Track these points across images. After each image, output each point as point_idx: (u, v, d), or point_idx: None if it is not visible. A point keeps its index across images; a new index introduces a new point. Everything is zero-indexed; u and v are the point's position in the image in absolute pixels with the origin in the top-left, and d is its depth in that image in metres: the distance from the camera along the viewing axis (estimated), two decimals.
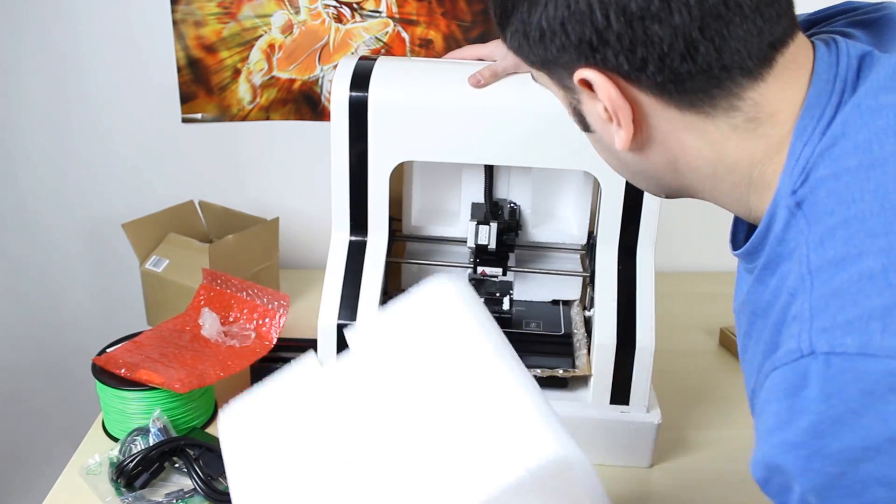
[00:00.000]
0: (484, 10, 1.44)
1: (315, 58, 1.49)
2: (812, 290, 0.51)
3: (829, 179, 0.53)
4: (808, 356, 0.49)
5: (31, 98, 1.50)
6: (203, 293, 1.23)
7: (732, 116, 0.57)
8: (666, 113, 0.58)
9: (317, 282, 1.14)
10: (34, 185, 1.56)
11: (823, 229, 0.52)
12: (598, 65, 0.57)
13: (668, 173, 0.63)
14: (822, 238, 0.52)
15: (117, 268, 1.60)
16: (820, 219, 0.53)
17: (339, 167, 1.05)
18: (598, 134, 0.64)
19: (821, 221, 0.53)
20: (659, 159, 0.62)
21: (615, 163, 0.67)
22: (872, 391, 0.46)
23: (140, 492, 0.98)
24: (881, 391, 0.46)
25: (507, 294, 1.20)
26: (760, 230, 0.58)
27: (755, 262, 0.60)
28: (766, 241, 0.58)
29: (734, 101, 0.56)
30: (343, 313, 1.04)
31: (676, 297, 1.42)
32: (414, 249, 1.22)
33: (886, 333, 0.47)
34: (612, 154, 0.65)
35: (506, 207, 1.18)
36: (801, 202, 0.55)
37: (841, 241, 0.51)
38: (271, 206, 1.56)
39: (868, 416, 0.46)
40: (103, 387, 1.07)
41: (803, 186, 0.55)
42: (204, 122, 1.52)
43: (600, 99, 0.58)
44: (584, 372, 1.05)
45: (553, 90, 0.65)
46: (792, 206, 0.55)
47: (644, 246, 1.06)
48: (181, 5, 1.44)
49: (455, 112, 1.01)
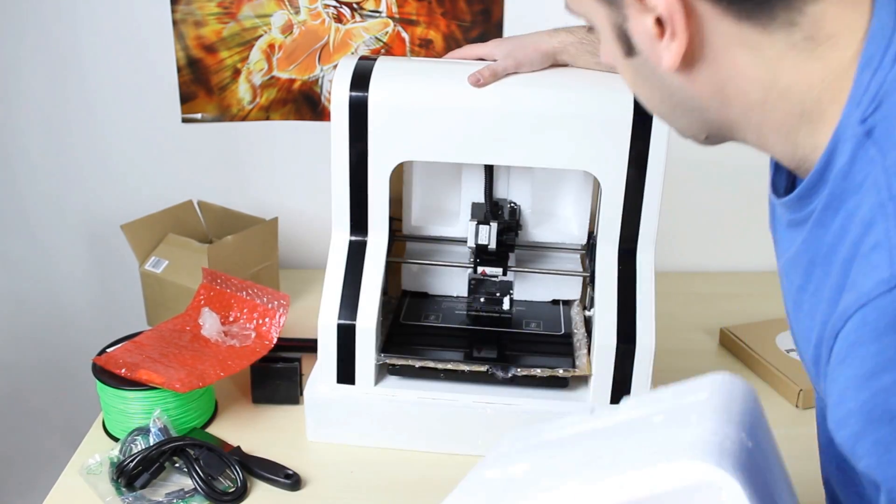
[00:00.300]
0: (484, 10, 1.44)
1: (315, 58, 1.49)
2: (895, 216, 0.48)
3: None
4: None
5: (30, 98, 1.50)
6: (203, 293, 1.23)
7: (791, 32, 0.54)
8: (721, 24, 0.55)
9: (317, 282, 1.14)
10: (34, 185, 1.56)
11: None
12: None
13: (713, 103, 0.60)
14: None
15: (117, 268, 1.60)
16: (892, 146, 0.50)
17: (339, 167, 1.05)
18: (642, 57, 0.60)
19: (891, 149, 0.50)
20: (707, 83, 0.59)
21: (657, 94, 0.63)
22: None
23: (140, 492, 0.98)
24: None
25: (507, 294, 1.21)
26: (819, 167, 0.55)
27: (810, 206, 0.57)
28: (826, 177, 0.55)
29: (794, 15, 0.54)
30: (343, 313, 1.04)
31: (676, 297, 1.42)
32: (414, 249, 1.22)
33: None
34: (653, 83, 0.62)
35: (506, 207, 1.18)
36: (871, 130, 0.51)
37: None
38: (271, 206, 1.56)
39: None
40: (103, 387, 1.07)
41: (875, 113, 0.52)
42: (204, 122, 1.52)
43: (654, 5, 0.55)
44: (584, 372, 1.05)
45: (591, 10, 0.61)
46: (861, 136, 0.52)
47: (644, 246, 1.06)
48: (181, 5, 1.44)
49: (455, 112, 1.02)
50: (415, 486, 1.03)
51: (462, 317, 1.18)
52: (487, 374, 1.05)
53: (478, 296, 1.22)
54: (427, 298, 1.23)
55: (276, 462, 1.03)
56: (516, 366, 1.05)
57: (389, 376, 1.09)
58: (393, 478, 1.04)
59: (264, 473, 1.01)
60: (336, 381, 1.07)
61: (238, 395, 1.18)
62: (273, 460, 1.03)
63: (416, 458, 1.06)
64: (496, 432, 1.06)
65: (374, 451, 1.07)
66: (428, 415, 1.06)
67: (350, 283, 1.06)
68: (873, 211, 0.50)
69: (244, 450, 1.05)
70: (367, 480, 1.03)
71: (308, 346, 1.19)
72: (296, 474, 1.01)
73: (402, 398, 1.06)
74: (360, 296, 1.05)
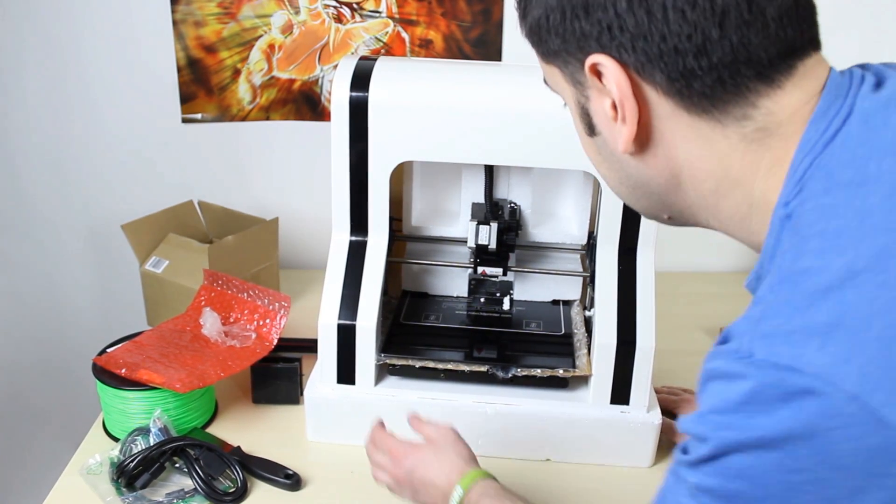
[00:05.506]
0: (484, 10, 1.44)
1: (315, 58, 1.49)
2: (773, 297, 0.51)
3: (820, 193, 0.52)
4: (746, 358, 0.49)
5: (31, 98, 1.50)
6: (204, 294, 1.23)
7: (743, 125, 0.56)
8: (674, 117, 0.57)
9: (317, 282, 1.14)
10: (34, 185, 1.56)
11: (800, 241, 0.51)
12: (613, 53, 0.56)
13: (669, 187, 0.61)
14: (799, 250, 0.51)
15: (117, 268, 1.60)
16: (802, 231, 0.52)
17: (340, 167, 1.05)
18: (602, 137, 0.62)
19: (801, 234, 0.52)
20: (662, 168, 0.60)
21: (615, 174, 0.65)
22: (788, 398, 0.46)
23: (140, 492, 0.98)
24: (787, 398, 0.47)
25: (508, 294, 1.21)
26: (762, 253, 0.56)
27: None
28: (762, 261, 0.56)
29: (748, 109, 0.55)
30: (343, 313, 1.04)
31: (676, 297, 1.42)
32: (414, 249, 1.22)
33: (821, 351, 0.46)
34: (612, 163, 0.64)
35: (506, 207, 1.18)
36: (791, 214, 0.53)
37: (812, 254, 0.50)
38: (271, 206, 1.56)
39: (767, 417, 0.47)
40: (104, 387, 1.07)
41: (796, 198, 0.53)
42: (204, 122, 1.53)
43: (609, 90, 0.57)
44: (585, 372, 1.05)
45: (562, 88, 0.64)
46: (783, 218, 0.54)
47: (644, 246, 1.06)
48: (181, 5, 1.44)
49: (455, 112, 1.02)
50: None
51: (462, 317, 1.18)
52: (487, 374, 1.05)
53: (478, 296, 1.22)
54: (427, 298, 1.23)
55: (276, 462, 1.03)
56: (516, 366, 1.05)
57: (389, 376, 1.09)
58: None
59: (264, 473, 1.01)
60: (336, 381, 1.07)
61: (238, 395, 1.18)
62: (273, 460, 1.03)
63: None
64: (496, 432, 1.07)
65: None
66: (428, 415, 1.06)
67: (350, 284, 1.06)
68: (764, 291, 0.52)
69: (244, 450, 1.05)
70: (367, 480, 1.03)
71: (308, 346, 1.19)
72: (296, 474, 1.01)
73: (402, 398, 1.06)
74: (360, 296, 1.05)
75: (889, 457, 0.45)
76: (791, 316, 0.48)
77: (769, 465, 0.47)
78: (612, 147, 0.61)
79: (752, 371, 0.48)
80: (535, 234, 1.20)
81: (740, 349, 0.49)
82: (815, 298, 0.48)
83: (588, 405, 1.06)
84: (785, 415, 0.46)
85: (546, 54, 0.62)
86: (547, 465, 1.07)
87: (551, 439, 1.06)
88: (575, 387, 1.08)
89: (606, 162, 0.65)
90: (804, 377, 0.46)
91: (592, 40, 0.56)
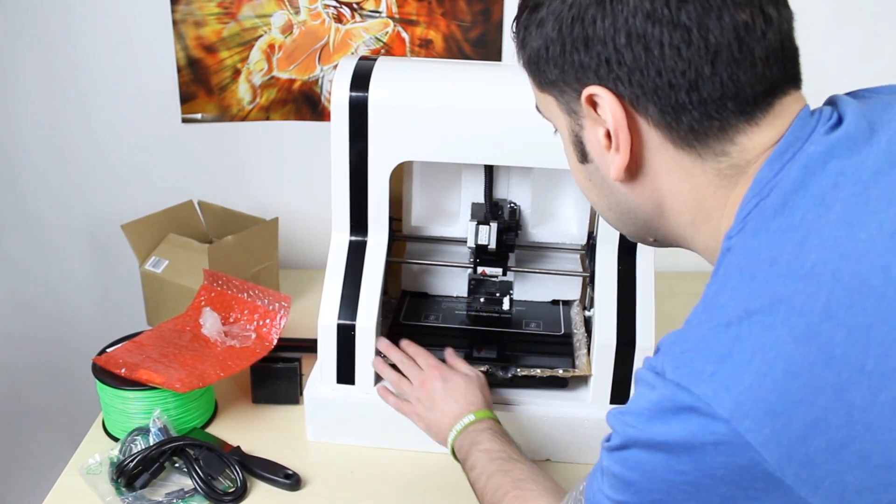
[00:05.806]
0: (484, 11, 1.44)
1: (315, 58, 1.49)
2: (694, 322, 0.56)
3: (750, 234, 0.56)
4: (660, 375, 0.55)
5: (30, 98, 1.50)
6: (204, 294, 1.23)
7: (720, 161, 0.59)
8: (662, 148, 0.60)
9: (317, 282, 1.14)
10: (34, 185, 1.56)
11: (725, 275, 0.56)
12: (610, 85, 0.58)
13: (654, 214, 0.65)
14: (722, 284, 0.56)
15: (117, 268, 1.60)
16: (729, 267, 0.56)
17: (339, 167, 1.05)
18: (594, 165, 0.65)
19: (728, 269, 0.56)
20: (648, 197, 0.63)
21: (605, 200, 0.68)
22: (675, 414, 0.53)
23: (140, 492, 0.98)
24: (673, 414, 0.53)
25: (507, 294, 1.21)
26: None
27: None
28: None
29: (726, 145, 0.58)
30: (343, 313, 1.04)
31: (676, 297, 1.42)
32: (414, 249, 1.22)
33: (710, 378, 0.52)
34: (602, 189, 0.67)
35: (506, 207, 1.18)
36: (730, 248, 0.57)
37: (728, 289, 0.55)
38: (271, 206, 1.56)
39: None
40: (103, 387, 1.07)
41: (737, 235, 0.57)
42: (204, 122, 1.53)
43: (604, 119, 0.60)
44: (584, 372, 1.05)
45: (555, 116, 0.66)
46: (724, 251, 0.58)
47: (644, 246, 1.06)
48: (181, 5, 1.44)
49: (455, 112, 1.02)
50: (415, 486, 1.03)
51: (462, 317, 1.18)
52: (487, 374, 1.05)
53: (478, 296, 1.22)
54: (427, 298, 1.23)
55: (275, 462, 1.03)
56: (516, 366, 1.05)
57: None
58: (393, 478, 1.04)
59: (264, 473, 1.01)
60: (336, 381, 1.07)
61: (238, 395, 1.18)
62: (273, 460, 1.03)
63: (415, 458, 1.06)
64: None
65: (374, 451, 1.07)
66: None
67: (350, 284, 1.06)
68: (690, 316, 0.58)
69: (244, 450, 1.05)
70: (367, 480, 1.03)
71: (308, 346, 1.19)
72: (296, 474, 1.01)
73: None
74: (360, 296, 1.05)
75: (753, 474, 0.51)
76: (697, 343, 0.54)
77: (657, 464, 0.55)
78: (603, 174, 0.64)
79: (659, 384, 0.54)
80: (534, 234, 1.20)
81: (657, 365, 0.55)
82: (718, 331, 0.53)
83: (588, 405, 1.06)
84: (674, 426, 0.53)
85: (542, 83, 0.65)
86: (547, 465, 1.07)
87: (551, 439, 1.06)
88: (575, 387, 1.08)
89: (597, 188, 0.68)
90: (692, 397, 0.52)
91: (591, 72, 0.59)
